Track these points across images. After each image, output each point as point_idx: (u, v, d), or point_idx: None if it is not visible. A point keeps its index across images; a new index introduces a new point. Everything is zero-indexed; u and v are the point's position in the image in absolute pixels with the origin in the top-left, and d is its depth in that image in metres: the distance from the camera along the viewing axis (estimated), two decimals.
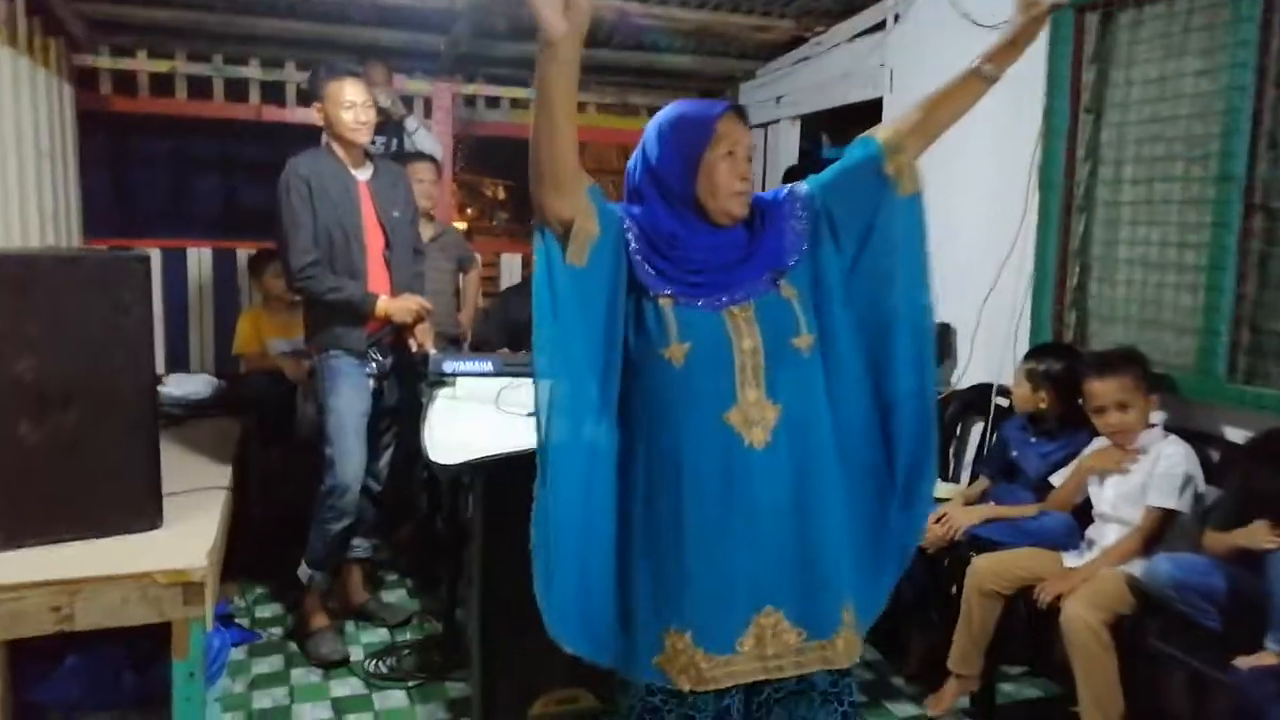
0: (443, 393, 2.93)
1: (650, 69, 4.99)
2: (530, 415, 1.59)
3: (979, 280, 3.32)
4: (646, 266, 1.57)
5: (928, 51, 3.66)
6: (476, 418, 2.67)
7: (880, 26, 4.01)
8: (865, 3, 4.07)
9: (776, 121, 4.93)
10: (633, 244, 1.57)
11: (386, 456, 3.17)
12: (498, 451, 2.26)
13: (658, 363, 1.54)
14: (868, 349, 1.64)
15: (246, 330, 4.02)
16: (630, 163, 1.67)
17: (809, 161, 4.73)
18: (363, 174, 2.98)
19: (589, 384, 1.55)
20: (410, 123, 4.32)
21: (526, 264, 5.25)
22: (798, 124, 4.84)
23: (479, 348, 3.72)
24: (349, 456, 2.86)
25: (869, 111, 4.03)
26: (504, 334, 3.81)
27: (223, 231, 5.04)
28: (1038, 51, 3.02)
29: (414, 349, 3.06)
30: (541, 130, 1.41)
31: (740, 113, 1.63)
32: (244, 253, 4.65)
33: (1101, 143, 3.01)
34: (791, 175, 4.43)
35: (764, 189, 1.72)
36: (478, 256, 4.38)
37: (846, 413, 1.62)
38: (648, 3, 4.06)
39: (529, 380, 3.06)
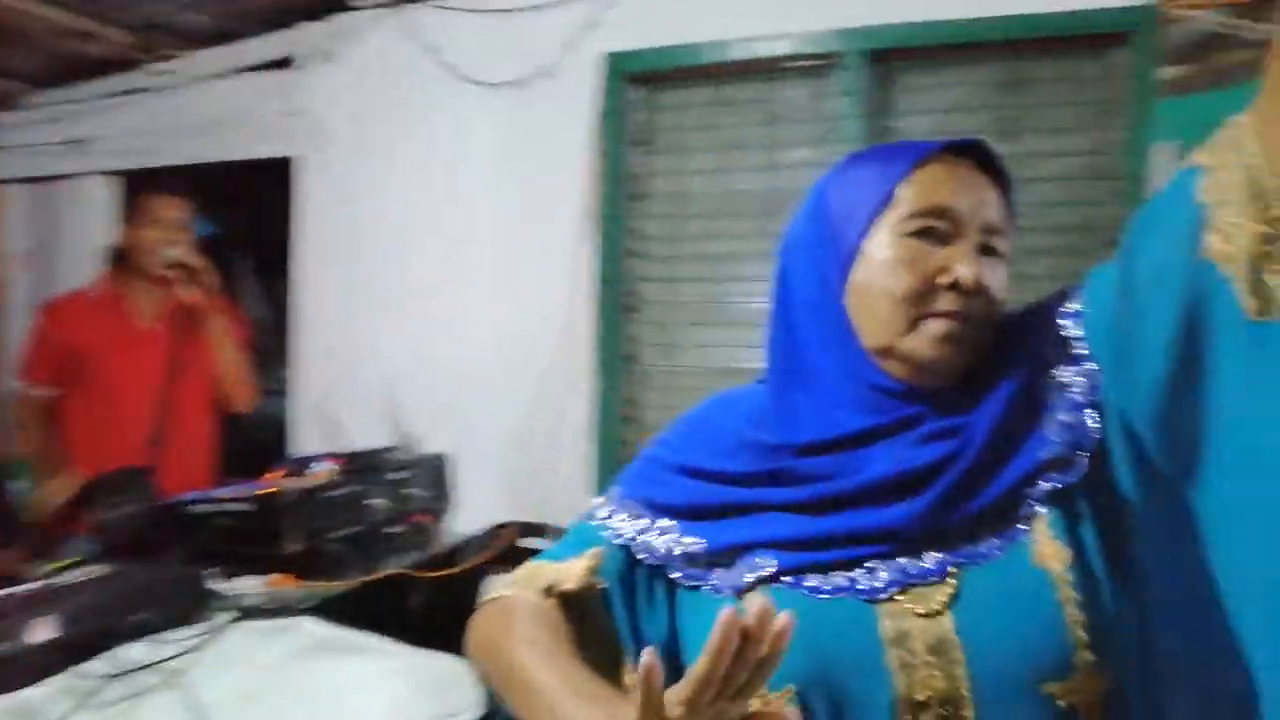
0: None
1: None
2: None
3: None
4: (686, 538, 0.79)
5: (380, 101, 2.80)
6: None
7: (284, 64, 2.94)
8: (255, 29, 2.94)
9: (74, 176, 3.30)
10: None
11: None
12: None
13: None
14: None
15: None
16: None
17: None
18: None
19: None
20: None
21: None
22: (122, 183, 3.27)
23: None
24: None
25: (273, 173, 2.94)
26: None
27: None
28: (576, 127, 2.48)
29: None
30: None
31: (981, 155, 0.75)
32: None
33: (650, 235, 2.57)
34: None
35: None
36: None
37: None
38: None
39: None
